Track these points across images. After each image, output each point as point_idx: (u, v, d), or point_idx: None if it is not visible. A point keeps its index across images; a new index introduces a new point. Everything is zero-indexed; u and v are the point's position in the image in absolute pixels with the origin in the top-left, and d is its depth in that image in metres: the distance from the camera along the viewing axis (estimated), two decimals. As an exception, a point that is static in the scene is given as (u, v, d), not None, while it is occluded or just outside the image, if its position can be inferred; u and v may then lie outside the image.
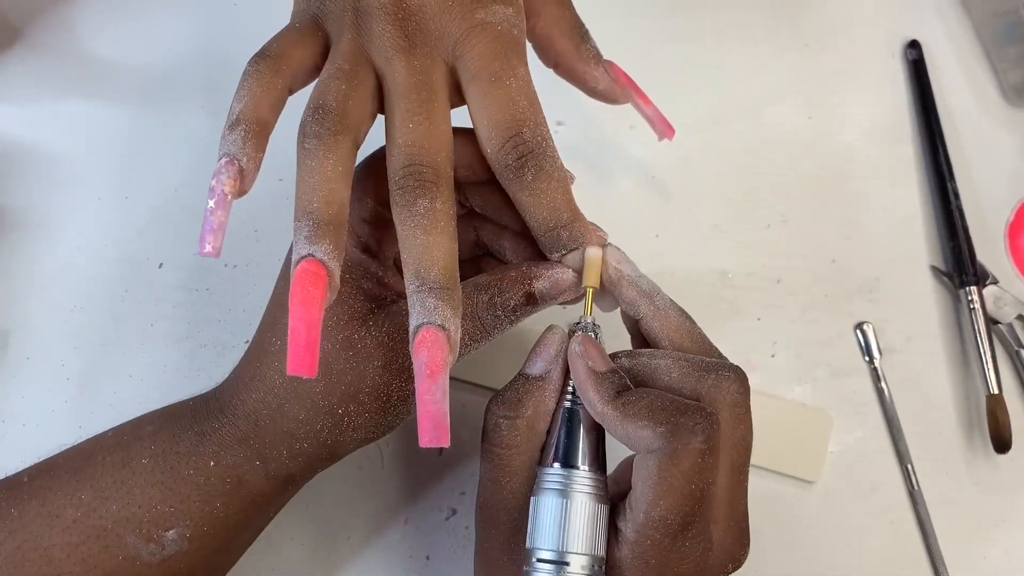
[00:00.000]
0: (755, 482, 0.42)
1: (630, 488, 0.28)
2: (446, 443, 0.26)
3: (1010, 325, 0.45)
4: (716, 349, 0.31)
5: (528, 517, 0.29)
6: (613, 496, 0.29)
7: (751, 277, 0.46)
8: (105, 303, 0.44)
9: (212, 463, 0.31)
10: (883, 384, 0.44)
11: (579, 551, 0.27)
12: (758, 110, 0.49)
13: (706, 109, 0.49)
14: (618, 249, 0.31)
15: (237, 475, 0.31)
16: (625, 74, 0.36)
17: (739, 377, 0.29)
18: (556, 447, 0.29)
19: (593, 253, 0.30)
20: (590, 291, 0.30)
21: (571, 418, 0.30)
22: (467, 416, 0.42)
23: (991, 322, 0.45)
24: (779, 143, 0.49)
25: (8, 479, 0.32)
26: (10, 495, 0.31)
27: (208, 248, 0.26)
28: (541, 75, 0.31)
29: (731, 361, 0.30)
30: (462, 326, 0.28)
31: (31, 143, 0.47)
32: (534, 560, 0.28)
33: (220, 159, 0.27)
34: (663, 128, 0.38)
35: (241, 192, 0.27)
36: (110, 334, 0.43)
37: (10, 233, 0.45)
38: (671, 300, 0.31)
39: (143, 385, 0.42)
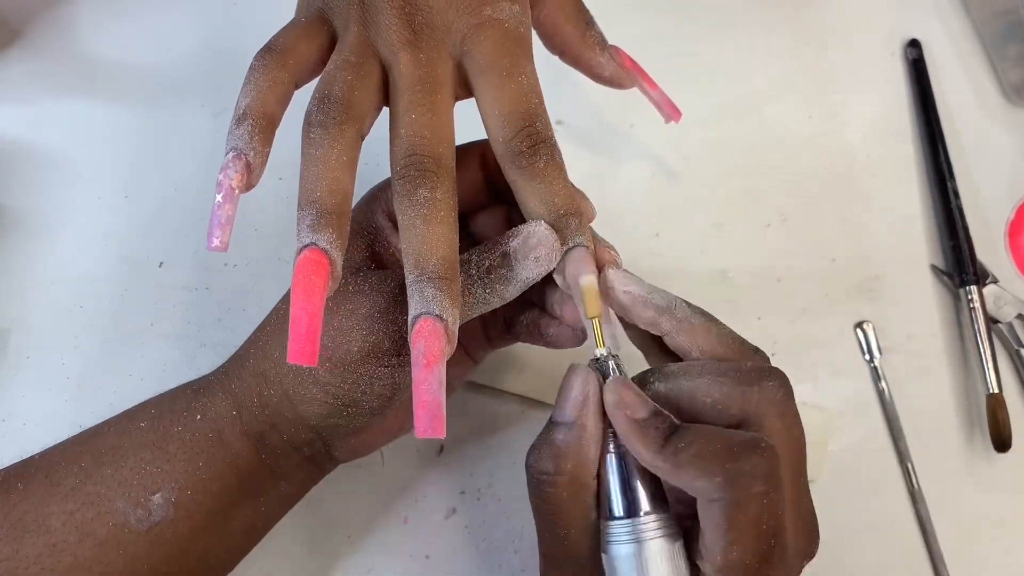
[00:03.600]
0: (755, 481, 0.43)
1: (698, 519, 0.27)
2: (441, 434, 0.25)
3: (1010, 324, 0.45)
4: (747, 345, 0.30)
5: (598, 565, 0.28)
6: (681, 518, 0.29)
7: (751, 276, 0.46)
8: (105, 303, 0.44)
9: (199, 416, 0.31)
10: (883, 383, 0.44)
11: None
12: (758, 109, 0.49)
13: (706, 108, 0.49)
14: (622, 271, 0.30)
15: (217, 429, 0.31)
16: (631, 59, 0.36)
17: (782, 383, 0.28)
18: (612, 498, 0.28)
19: (586, 282, 0.29)
20: (595, 321, 0.29)
21: (621, 463, 0.28)
22: (467, 413, 0.42)
23: (991, 321, 0.45)
24: (779, 142, 0.49)
25: (23, 460, 0.33)
26: (20, 469, 0.32)
27: (216, 242, 0.26)
28: (541, 75, 0.31)
29: (767, 360, 0.29)
30: None
31: (31, 143, 0.47)
32: None
33: (227, 153, 0.27)
34: (670, 111, 0.38)
35: (249, 186, 0.27)
36: (110, 334, 0.43)
37: (10, 233, 0.45)
38: (688, 305, 0.30)
39: (143, 384, 0.42)
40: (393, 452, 0.42)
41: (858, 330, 0.45)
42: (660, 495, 0.28)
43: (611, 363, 0.29)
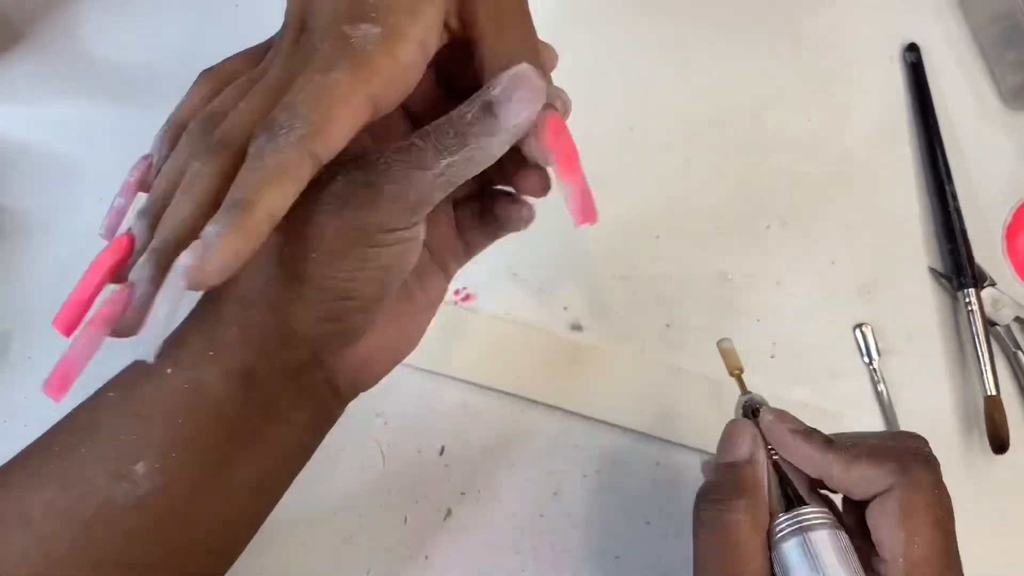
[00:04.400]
0: (754, 483, 0.43)
1: (872, 545, 0.28)
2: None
3: (1008, 327, 0.45)
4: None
5: None
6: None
7: (751, 278, 0.46)
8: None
9: (169, 370, 0.28)
10: (882, 385, 0.44)
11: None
12: (757, 112, 0.50)
13: (706, 111, 0.49)
14: (772, 410, 0.33)
15: (194, 377, 0.28)
16: (557, 129, 0.28)
17: (923, 439, 0.31)
18: (775, 502, 0.30)
19: (726, 345, 0.35)
20: (737, 375, 0.34)
21: (779, 474, 0.31)
22: (467, 414, 0.42)
23: (989, 324, 0.45)
24: (778, 145, 0.49)
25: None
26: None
27: (103, 231, 0.29)
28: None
29: (921, 446, 0.31)
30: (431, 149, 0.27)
31: (32, 143, 0.47)
32: None
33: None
34: (582, 210, 0.27)
35: (144, 185, 0.30)
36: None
37: (10, 233, 0.45)
38: (807, 428, 0.32)
39: (144, 385, 0.42)
40: (393, 452, 0.42)
41: (857, 332, 0.46)
42: (819, 499, 0.31)
43: (757, 402, 0.33)
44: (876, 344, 0.45)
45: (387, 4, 0.27)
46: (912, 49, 0.51)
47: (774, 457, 0.31)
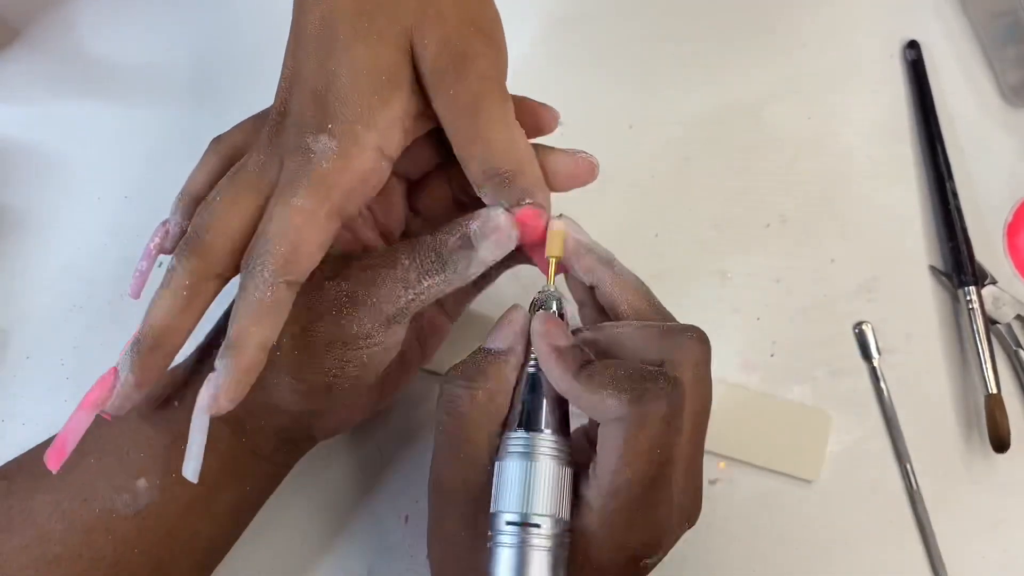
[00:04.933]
0: (754, 481, 0.43)
1: (590, 457, 0.28)
2: (54, 465, 0.29)
3: (1008, 325, 0.45)
4: (672, 316, 0.32)
5: (488, 487, 0.29)
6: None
7: (751, 277, 0.46)
8: (105, 303, 0.44)
9: (176, 403, 0.32)
10: (882, 384, 0.44)
11: (545, 512, 0.27)
12: (757, 110, 0.49)
13: (705, 109, 0.49)
14: (572, 220, 0.32)
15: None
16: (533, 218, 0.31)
17: (701, 338, 0.30)
18: (520, 412, 0.29)
19: (556, 226, 0.31)
20: (553, 261, 0.31)
21: (534, 384, 0.30)
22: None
23: (990, 322, 0.45)
24: (778, 143, 0.49)
25: (7, 462, 0.34)
26: (4, 470, 0.33)
27: (130, 293, 0.34)
28: (540, 77, 0.31)
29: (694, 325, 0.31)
30: (413, 268, 0.29)
31: (31, 143, 0.47)
32: (501, 524, 0.28)
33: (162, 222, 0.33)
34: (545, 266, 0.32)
35: (165, 249, 0.33)
36: (110, 334, 0.43)
37: (10, 233, 0.45)
38: (627, 268, 0.32)
39: (143, 385, 0.42)
40: (393, 452, 0.42)
41: (857, 330, 0.46)
42: (564, 427, 0.30)
43: (554, 302, 0.31)
44: (876, 342, 0.45)
45: (343, 114, 0.29)
46: (912, 47, 0.51)
47: (531, 367, 0.30)
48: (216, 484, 0.32)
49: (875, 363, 0.45)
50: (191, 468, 0.27)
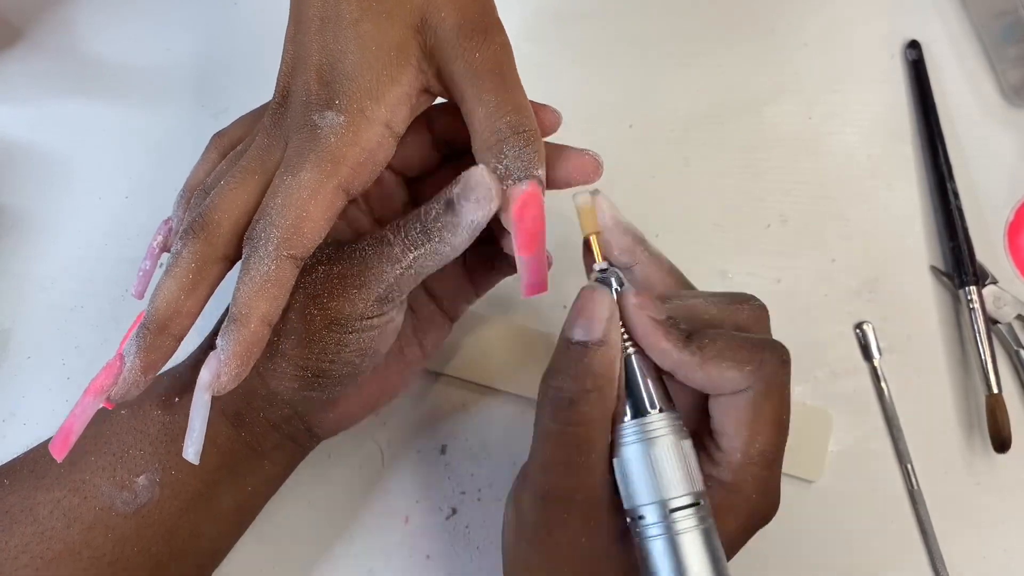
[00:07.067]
0: (755, 482, 0.42)
1: (708, 430, 0.28)
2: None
3: (1009, 325, 0.45)
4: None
5: (608, 487, 0.28)
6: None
7: (751, 277, 0.46)
8: (105, 303, 0.44)
9: (176, 399, 0.32)
10: (883, 384, 0.44)
11: (682, 492, 0.26)
12: (758, 110, 0.49)
13: (706, 108, 0.49)
14: (606, 196, 0.31)
15: None
16: (528, 201, 0.28)
17: (762, 304, 0.30)
18: (628, 400, 0.28)
19: (580, 201, 0.30)
20: (593, 238, 0.30)
21: (628, 367, 0.28)
22: (467, 413, 0.42)
23: (991, 322, 0.45)
24: (779, 143, 0.49)
25: (8, 460, 0.34)
26: (6, 467, 0.33)
27: (134, 292, 0.33)
28: (539, 75, 0.31)
29: (769, 329, 0.31)
30: (400, 240, 0.29)
31: (31, 143, 0.47)
32: (639, 519, 0.27)
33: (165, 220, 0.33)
34: (533, 283, 0.29)
35: (165, 248, 0.33)
36: (110, 334, 0.43)
37: (10, 233, 0.45)
38: (657, 248, 0.32)
39: (143, 385, 0.42)
40: (393, 452, 0.42)
41: (858, 330, 0.45)
42: (669, 399, 0.29)
43: (613, 277, 0.29)
44: (877, 342, 0.45)
45: (351, 89, 0.28)
46: (913, 46, 0.51)
47: (629, 348, 0.28)
48: (216, 482, 0.32)
49: (876, 363, 0.45)
50: (192, 450, 0.27)
